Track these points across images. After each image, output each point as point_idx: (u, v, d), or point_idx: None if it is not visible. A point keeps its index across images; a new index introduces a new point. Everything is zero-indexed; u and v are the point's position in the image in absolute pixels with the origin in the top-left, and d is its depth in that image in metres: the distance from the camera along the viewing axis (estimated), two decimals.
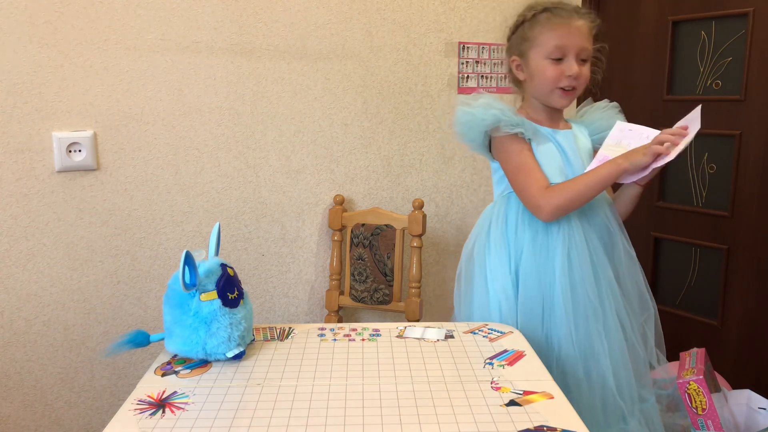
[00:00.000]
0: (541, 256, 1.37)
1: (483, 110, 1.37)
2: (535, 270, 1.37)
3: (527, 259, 1.38)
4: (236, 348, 1.12)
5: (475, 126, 1.38)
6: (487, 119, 1.36)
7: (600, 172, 1.32)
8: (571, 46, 1.34)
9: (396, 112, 2.06)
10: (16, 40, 1.63)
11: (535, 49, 1.37)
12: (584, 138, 1.47)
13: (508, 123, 1.36)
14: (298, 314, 2.05)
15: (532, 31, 1.38)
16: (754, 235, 1.96)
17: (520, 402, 0.98)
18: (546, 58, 1.36)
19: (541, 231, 1.38)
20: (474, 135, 1.40)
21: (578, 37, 1.35)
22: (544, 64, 1.37)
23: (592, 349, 1.35)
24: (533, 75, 1.39)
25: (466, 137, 1.43)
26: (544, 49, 1.36)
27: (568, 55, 1.35)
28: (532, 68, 1.39)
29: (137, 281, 1.83)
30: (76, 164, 1.72)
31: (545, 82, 1.37)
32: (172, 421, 0.94)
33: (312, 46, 1.93)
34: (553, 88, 1.38)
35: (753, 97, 1.91)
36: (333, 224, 2.00)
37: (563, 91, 1.38)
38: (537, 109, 1.44)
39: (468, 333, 1.26)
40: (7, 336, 1.71)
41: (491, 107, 1.36)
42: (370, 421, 0.93)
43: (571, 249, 1.36)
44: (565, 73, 1.35)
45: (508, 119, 1.36)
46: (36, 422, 1.77)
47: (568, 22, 1.35)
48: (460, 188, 2.16)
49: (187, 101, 1.82)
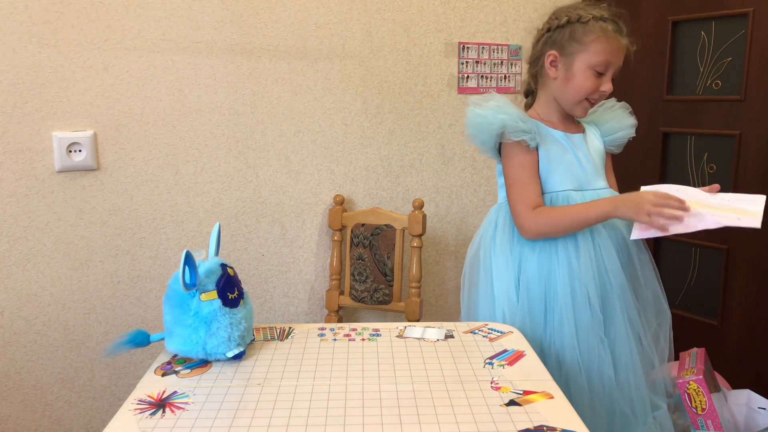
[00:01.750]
0: (543, 260, 1.35)
1: (492, 113, 1.34)
2: (538, 275, 1.35)
3: (530, 263, 1.36)
4: (236, 348, 1.12)
5: (485, 129, 1.35)
6: (495, 123, 1.33)
7: (588, 213, 1.30)
8: (615, 65, 1.33)
9: (396, 112, 2.06)
10: (16, 40, 1.63)
11: (583, 55, 1.33)
12: (597, 140, 1.45)
13: (514, 130, 1.33)
14: (298, 314, 2.05)
15: (587, 36, 1.32)
16: (754, 235, 1.96)
17: (519, 402, 0.98)
18: (591, 68, 1.33)
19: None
20: (485, 138, 1.37)
21: (621, 57, 1.34)
22: (587, 74, 1.33)
23: (595, 357, 1.32)
24: (570, 78, 1.35)
25: (476, 139, 1.39)
26: (594, 58, 1.32)
27: (608, 71, 1.34)
28: (573, 72, 1.34)
29: (137, 281, 1.83)
30: (76, 164, 1.72)
31: (579, 90, 1.34)
32: (172, 421, 0.94)
33: (312, 46, 1.93)
34: (582, 99, 1.35)
35: (753, 97, 1.91)
36: (333, 224, 2.00)
37: (589, 104, 1.37)
38: (551, 111, 1.41)
39: (468, 333, 1.26)
40: (7, 336, 1.71)
41: (501, 111, 1.33)
42: (370, 421, 0.93)
43: (575, 254, 1.34)
44: (600, 88, 1.34)
45: (515, 125, 1.33)
46: (36, 422, 1.77)
47: (620, 39, 1.33)
48: (460, 188, 2.17)
49: (187, 101, 1.82)
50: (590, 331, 1.32)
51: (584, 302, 1.32)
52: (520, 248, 1.38)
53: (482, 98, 1.37)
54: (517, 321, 1.35)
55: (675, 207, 1.22)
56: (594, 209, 1.30)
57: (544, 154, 1.36)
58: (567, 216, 1.32)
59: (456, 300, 2.21)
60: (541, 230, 1.33)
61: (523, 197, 1.34)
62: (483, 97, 1.38)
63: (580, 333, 1.32)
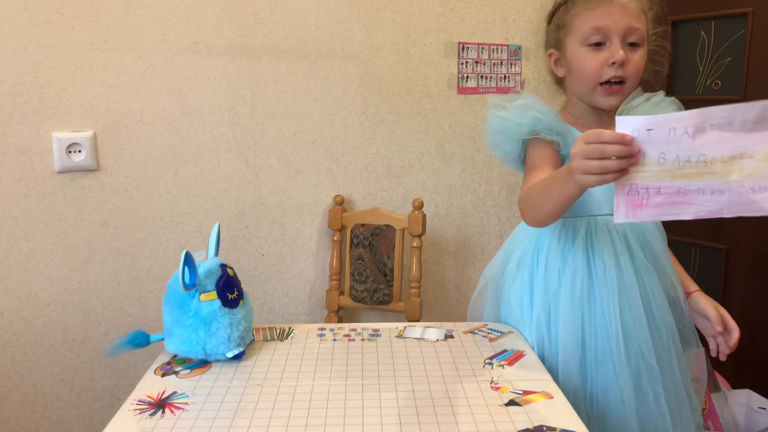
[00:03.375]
0: (583, 296, 1.14)
1: (519, 113, 1.14)
2: (572, 310, 1.15)
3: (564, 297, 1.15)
4: (236, 348, 1.12)
5: (512, 134, 1.15)
6: (524, 123, 1.13)
7: (554, 177, 1.01)
8: (614, 27, 1.09)
9: (396, 112, 2.06)
10: (16, 41, 1.64)
11: (571, 36, 1.14)
12: None
13: (547, 128, 1.12)
14: (298, 314, 2.05)
15: (567, 14, 1.15)
16: (754, 235, 1.96)
17: (519, 402, 0.98)
18: (583, 44, 1.12)
19: (581, 269, 1.15)
20: (511, 145, 1.17)
21: (622, 16, 1.09)
22: (580, 53, 1.13)
23: (649, 413, 1.13)
24: (571, 68, 1.17)
25: (498, 148, 1.19)
26: (580, 32, 1.12)
27: (611, 37, 1.10)
28: (569, 60, 1.16)
29: (137, 282, 1.83)
30: (76, 165, 1.72)
31: (584, 75, 1.13)
32: (171, 421, 0.94)
33: (312, 46, 1.93)
34: (594, 85, 1.13)
35: (753, 97, 1.90)
36: (333, 224, 2.00)
37: (608, 87, 1.12)
38: (582, 112, 1.21)
39: (468, 333, 1.26)
40: (7, 336, 1.71)
41: (530, 108, 1.14)
42: (370, 421, 0.93)
43: (622, 290, 1.13)
44: (607, 60, 1.10)
45: (549, 123, 1.13)
46: (36, 422, 1.77)
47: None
48: (460, 188, 2.16)
49: (187, 102, 1.82)
50: (641, 381, 1.14)
51: (635, 347, 1.13)
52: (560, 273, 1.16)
53: (505, 99, 1.18)
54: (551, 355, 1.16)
55: (606, 151, 0.83)
56: (559, 172, 1.00)
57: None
58: (536, 187, 1.06)
59: (456, 300, 2.21)
60: (524, 211, 1.10)
61: (525, 182, 1.13)
62: (506, 97, 1.18)
63: (631, 384, 1.13)
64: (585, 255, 1.15)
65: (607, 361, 1.13)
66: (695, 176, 0.81)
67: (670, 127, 0.79)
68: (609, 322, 1.13)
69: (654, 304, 1.16)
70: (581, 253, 1.15)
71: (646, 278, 1.15)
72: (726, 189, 0.81)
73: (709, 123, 0.78)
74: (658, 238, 1.20)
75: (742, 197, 0.82)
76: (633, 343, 1.12)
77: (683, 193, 0.82)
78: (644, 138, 0.81)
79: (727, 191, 0.81)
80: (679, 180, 0.82)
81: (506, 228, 2.20)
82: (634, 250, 1.16)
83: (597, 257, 1.14)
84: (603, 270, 1.14)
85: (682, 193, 0.82)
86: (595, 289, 1.14)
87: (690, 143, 0.79)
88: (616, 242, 1.15)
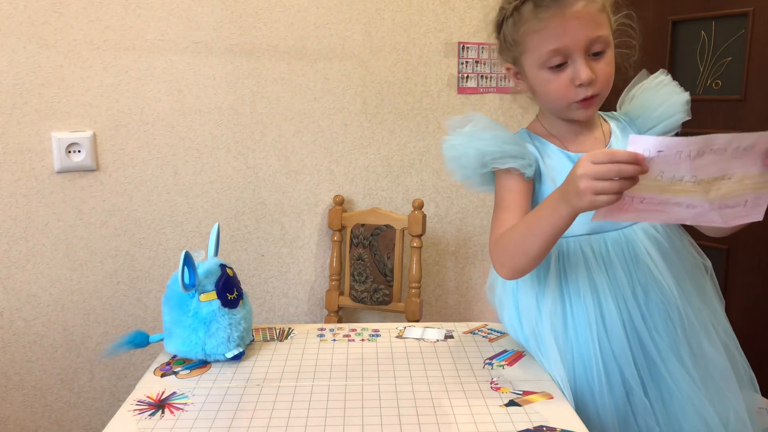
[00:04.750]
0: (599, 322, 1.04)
1: (466, 143, 1.06)
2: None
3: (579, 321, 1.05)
4: (235, 348, 1.12)
5: (464, 163, 1.07)
6: (471, 156, 1.05)
7: (538, 213, 0.95)
8: (574, 45, 0.98)
9: (396, 112, 2.06)
10: (16, 40, 1.63)
11: (528, 56, 1.03)
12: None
13: (497, 156, 1.04)
14: (298, 315, 2.05)
15: (517, 32, 1.03)
16: (754, 235, 1.96)
17: (519, 402, 0.98)
18: (543, 67, 1.01)
19: (557, 299, 1.06)
20: (468, 172, 1.08)
21: (580, 28, 0.97)
22: (542, 77, 1.02)
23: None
24: (535, 90, 1.06)
25: (457, 174, 1.10)
26: (537, 56, 1.01)
27: (573, 56, 0.99)
28: (531, 81, 1.05)
29: (137, 282, 1.83)
30: (76, 165, 1.72)
31: (552, 99, 1.04)
32: (171, 421, 0.94)
33: (311, 46, 1.93)
34: (565, 105, 1.03)
35: (753, 97, 1.91)
36: (333, 224, 2.00)
37: (581, 103, 1.02)
38: (555, 123, 1.10)
39: (468, 333, 1.26)
40: (7, 337, 1.71)
41: (475, 139, 1.05)
42: (369, 421, 0.93)
43: (599, 317, 1.04)
44: (574, 81, 0.99)
45: (497, 151, 1.04)
46: (36, 423, 1.77)
47: (561, 11, 0.97)
48: (460, 188, 2.16)
49: (186, 101, 1.82)
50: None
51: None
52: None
53: (461, 121, 1.09)
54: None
55: (623, 172, 0.80)
56: (544, 205, 0.94)
57: (549, 183, 1.05)
58: (516, 228, 0.99)
59: (456, 300, 2.21)
60: (500, 260, 1.02)
61: (495, 225, 1.05)
62: (462, 119, 1.09)
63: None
64: (558, 282, 1.06)
65: (587, 398, 1.04)
66: (680, 192, 0.84)
67: (678, 150, 0.79)
68: (589, 355, 1.03)
69: (653, 329, 1.04)
70: (554, 283, 1.06)
71: (631, 302, 1.04)
72: (699, 205, 0.85)
73: (710, 148, 0.79)
74: (664, 269, 1.06)
75: (707, 212, 0.85)
76: (615, 378, 1.02)
77: (663, 204, 0.85)
78: (653, 158, 0.81)
79: (699, 206, 0.85)
80: (665, 194, 0.84)
81: None
82: (617, 273, 1.05)
83: (571, 284, 1.05)
84: (578, 297, 1.04)
85: (662, 204, 0.85)
86: (571, 318, 1.05)
87: (688, 165, 0.80)
88: (590, 264, 1.05)
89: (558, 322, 1.05)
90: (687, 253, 1.12)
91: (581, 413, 0.98)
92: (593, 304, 1.03)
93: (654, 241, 1.07)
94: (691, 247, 1.14)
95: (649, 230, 1.08)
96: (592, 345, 1.03)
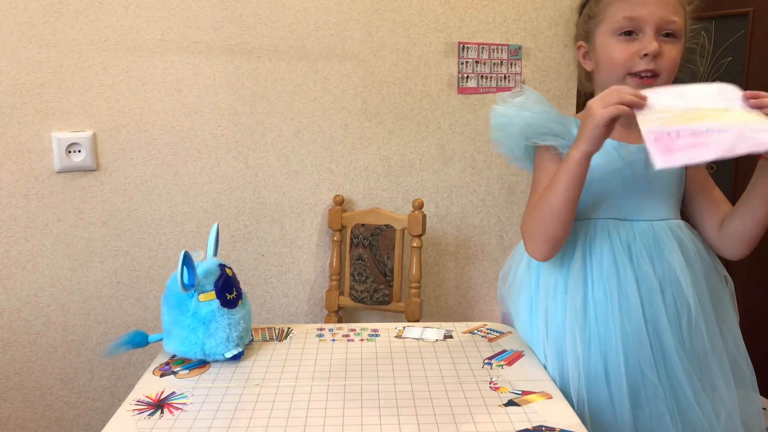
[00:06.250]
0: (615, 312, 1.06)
1: (516, 111, 1.09)
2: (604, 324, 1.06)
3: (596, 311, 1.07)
4: (235, 348, 1.12)
5: (509, 132, 1.11)
6: (517, 124, 1.09)
7: (559, 173, 1.01)
8: (648, 17, 1.04)
9: (396, 112, 2.06)
10: (16, 40, 1.64)
11: (602, 26, 1.09)
12: None
13: (539, 131, 1.08)
14: (298, 315, 2.05)
15: (599, 4, 1.10)
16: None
17: (518, 402, 0.98)
18: (614, 34, 1.07)
19: (579, 279, 1.08)
20: (511, 143, 1.12)
21: (658, 7, 1.04)
22: (611, 44, 1.07)
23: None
24: (599, 60, 1.10)
25: (501, 145, 1.14)
26: (611, 22, 1.07)
27: (644, 28, 1.04)
28: (598, 51, 1.10)
29: (137, 282, 1.83)
30: (76, 165, 1.72)
31: (613, 65, 1.07)
32: (170, 421, 0.94)
33: (311, 46, 1.93)
34: (623, 75, 1.07)
35: None
36: (333, 224, 2.00)
37: (639, 79, 1.06)
38: None
39: (467, 333, 1.26)
40: (7, 336, 1.72)
41: (524, 109, 1.09)
42: (369, 421, 0.93)
43: (622, 298, 1.06)
44: (639, 52, 1.04)
45: (542, 126, 1.08)
46: (36, 423, 1.77)
47: None
48: (460, 188, 2.16)
49: (186, 101, 1.82)
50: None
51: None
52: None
53: (511, 94, 1.12)
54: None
55: (622, 90, 0.95)
56: (564, 163, 1.01)
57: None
58: (543, 197, 1.04)
59: (456, 300, 2.21)
60: (530, 230, 1.06)
61: (528, 206, 1.10)
62: (512, 93, 1.13)
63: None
64: (582, 262, 1.08)
65: (600, 378, 1.05)
66: (701, 118, 0.91)
67: (669, 89, 0.97)
68: (608, 334, 1.05)
69: (666, 321, 1.06)
70: (579, 261, 1.09)
71: (652, 292, 1.06)
72: (730, 127, 0.90)
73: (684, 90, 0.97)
74: (684, 268, 1.08)
75: (743, 135, 0.90)
76: (632, 359, 1.04)
77: (696, 134, 0.89)
78: (651, 95, 0.95)
79: (730, 129, 0.90)
80: (689, 123, 0.91)
81: (506, 228, 2.20)
82: (641, 260, 1.07)
83: (596, 264, 1.08)
84: (600, 277, 1.07)
85: (696, 134, 0.89)
86: (591, 299, 1.07)
87: (684, 100, 0.95)
88: (616, 247, 1.08)
89: (578, 300, 1.07)
90: (709, 260, 1.14)
91: (594, 395, 1.02)
92: (616, 286, 1.06)
93: (678, 240, 1.10)
94: (713, 257, 1.16)
95: (675, 229, 1.11)
96: (612, 324, 1.05)
